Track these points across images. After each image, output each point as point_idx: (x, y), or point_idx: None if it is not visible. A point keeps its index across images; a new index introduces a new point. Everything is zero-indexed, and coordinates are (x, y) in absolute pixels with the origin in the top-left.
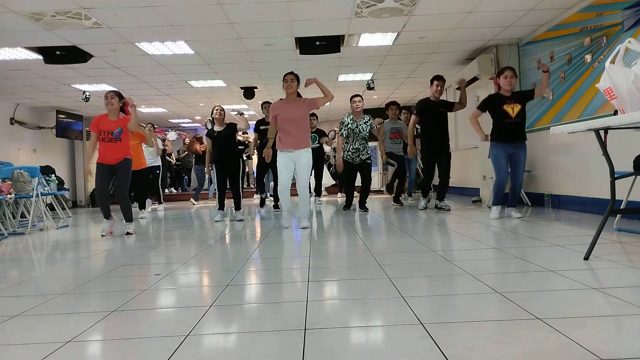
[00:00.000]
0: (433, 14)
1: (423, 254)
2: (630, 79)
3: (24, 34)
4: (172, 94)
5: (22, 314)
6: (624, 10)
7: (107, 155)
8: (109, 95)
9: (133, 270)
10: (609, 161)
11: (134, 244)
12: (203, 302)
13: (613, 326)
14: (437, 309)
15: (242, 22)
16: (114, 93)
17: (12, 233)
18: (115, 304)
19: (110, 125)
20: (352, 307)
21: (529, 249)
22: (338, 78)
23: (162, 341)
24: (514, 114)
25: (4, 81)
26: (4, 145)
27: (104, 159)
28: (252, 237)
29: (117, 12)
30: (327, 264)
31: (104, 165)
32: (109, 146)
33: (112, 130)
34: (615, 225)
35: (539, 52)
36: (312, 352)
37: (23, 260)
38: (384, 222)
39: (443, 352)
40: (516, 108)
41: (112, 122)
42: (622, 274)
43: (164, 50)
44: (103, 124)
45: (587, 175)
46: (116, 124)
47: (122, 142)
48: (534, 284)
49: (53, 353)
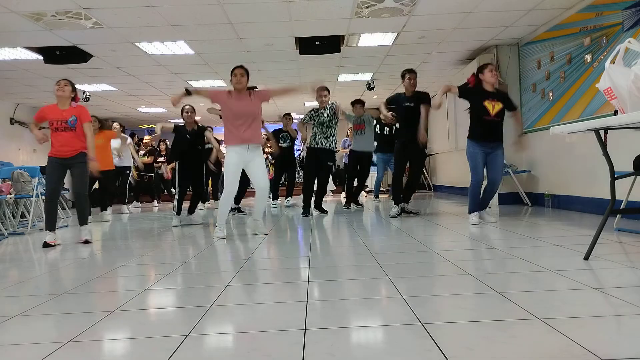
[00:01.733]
0: (433, 14)
1: (423, 254)
2: (630, 79)
3: (24, 34)
4: (172, 94)
5: (22, 314)
6: (624, 10)
7: (61, 147)
8: (62, 83)
9: (133, 270)
10: (609, 161)
11: (134, 243)
12: (203, 302)
13: (613, 326)
14: (437, 309)
15: (242, 22)
16: (67, 81)
17: (12, 233)
18: (115, 304)
19: (61, 114)
20: (352, 307)
21: (529, 249)
22: (338, 78)
23: (162, 341)
24: (493, 112)
25: (4, 81)
26: (4, 145)
27: (58, 151)
28: (252, 237)
29: (117, 12)
30: (327, 263)
31: (57, 159)
32: (63, 136)
33: (65, 118)
34: (615, 225)
35: (539, 52)
36: (312, 352)
37: (23, 260)
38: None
39: (443, 352)
40: (497, 106)
41: (63, 111)
42: (622, 274)
43: (164, 50)
44: (53, 113)
45: (587, 175)
46: (69, 112)
47: (77, 132)
48: (534, 284)
49: (53, 353)
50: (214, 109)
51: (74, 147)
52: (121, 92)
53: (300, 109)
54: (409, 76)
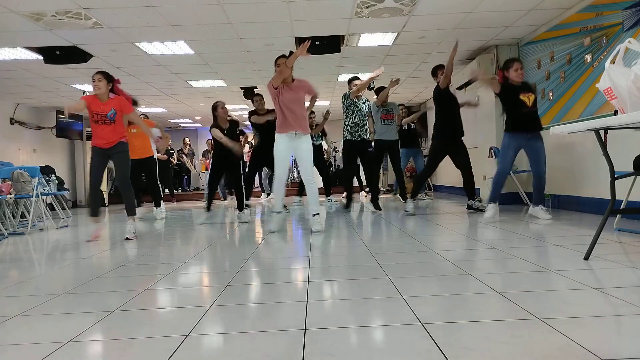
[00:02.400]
0: (433, 14)
1: (423, 254)
2: (630, 79)
3: (24, 34)
4: (172, 94)
5: (22, 314)
6: (624, 10)
7: (100, 139)
8: (95, 78)
9: (133, 270)
10: (609, 161)
11: (134, 244)
12: (203, 302)
13: (613, 326)
14: (437, 309)
15: (242, 22)
16: (101, 75)
17: (12, 233)
18: (115, 304)
19: (102, 107)
20: (352, 307)
21: (529, 249)
22: (338, 78)
23: (162, 341)
24: (530, 103)
25: (4, 81)
26: (4, 145)
27: (98, 143)
28: (252, 237)
29: (117, 12)
30: (327, 263)
31: (99, 149)
32: (103, 128)
33: (105, 112)
34: (615, 225)
35: (539, 52)
36: (312, 352)
37: (23, 260)
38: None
39: (443, 352)
40: (531, 97)
41: (103, 104)
42: (622, 274)
43: (164, 50)
44: (95, 106)
45: (587, 175)
46: (109, 105)
47: (117, 124)
48: (534, 284)
49: (53, 353)
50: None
51: (112, 139)
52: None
53: None
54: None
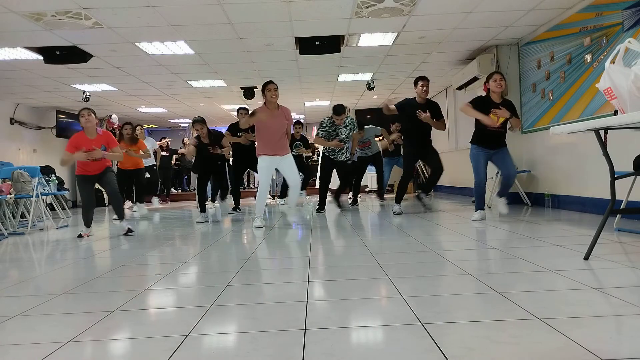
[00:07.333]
0: (433, 14)
1: (423, 253)
2: (630, 79)
3: (24, 34)
4: (172, 94)
5: (22, 314)
6: (624, 10)
7: (89, 169)
8: (84, 113)
9: (133, 270)
10: (609, 161)
11: (133, 243)
12: (203, 302)
13: (613, 326)
14: (437, 309)
15: (242, 22)
16: (90, 111)
17: (12, 233)
18: (115, 304)
19: (90, 144)
20: (352, 307)
21: (529, 249)
22: (338, 78)
23: (162, 341)
24: (498, 123)
25: (4, 81)
26: (4, 145)
27: (85, 172)
28: (252, 237)
29: (117, 12)
30: (327, 263)
31: (86, 176)
32: (94, 163)
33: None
34: (615, 225)
35: (539, 52)
36: (312, 352)
37: (23, 260)
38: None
39: (443, 352)
40: (501, 119)
41: (92, 141)
42: (622, 274)
43: (164, 50)
44: (83, 143)
45: (587, 175)
46: (99, 141)
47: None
48: (534, 284)
49: (53, 353)
50: None
51: (101, 168)
52: (121, 92)
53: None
54: (422, 83)
